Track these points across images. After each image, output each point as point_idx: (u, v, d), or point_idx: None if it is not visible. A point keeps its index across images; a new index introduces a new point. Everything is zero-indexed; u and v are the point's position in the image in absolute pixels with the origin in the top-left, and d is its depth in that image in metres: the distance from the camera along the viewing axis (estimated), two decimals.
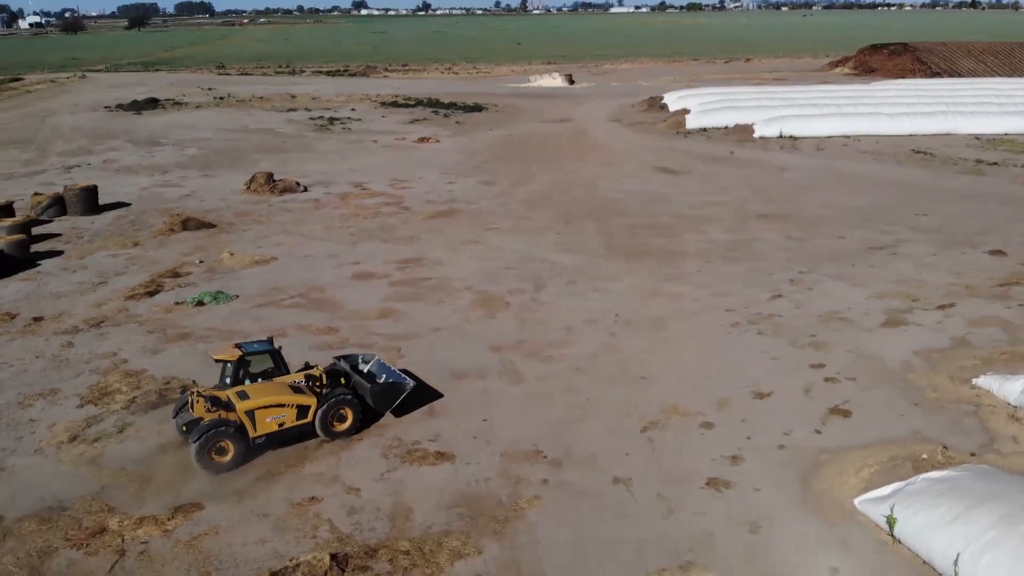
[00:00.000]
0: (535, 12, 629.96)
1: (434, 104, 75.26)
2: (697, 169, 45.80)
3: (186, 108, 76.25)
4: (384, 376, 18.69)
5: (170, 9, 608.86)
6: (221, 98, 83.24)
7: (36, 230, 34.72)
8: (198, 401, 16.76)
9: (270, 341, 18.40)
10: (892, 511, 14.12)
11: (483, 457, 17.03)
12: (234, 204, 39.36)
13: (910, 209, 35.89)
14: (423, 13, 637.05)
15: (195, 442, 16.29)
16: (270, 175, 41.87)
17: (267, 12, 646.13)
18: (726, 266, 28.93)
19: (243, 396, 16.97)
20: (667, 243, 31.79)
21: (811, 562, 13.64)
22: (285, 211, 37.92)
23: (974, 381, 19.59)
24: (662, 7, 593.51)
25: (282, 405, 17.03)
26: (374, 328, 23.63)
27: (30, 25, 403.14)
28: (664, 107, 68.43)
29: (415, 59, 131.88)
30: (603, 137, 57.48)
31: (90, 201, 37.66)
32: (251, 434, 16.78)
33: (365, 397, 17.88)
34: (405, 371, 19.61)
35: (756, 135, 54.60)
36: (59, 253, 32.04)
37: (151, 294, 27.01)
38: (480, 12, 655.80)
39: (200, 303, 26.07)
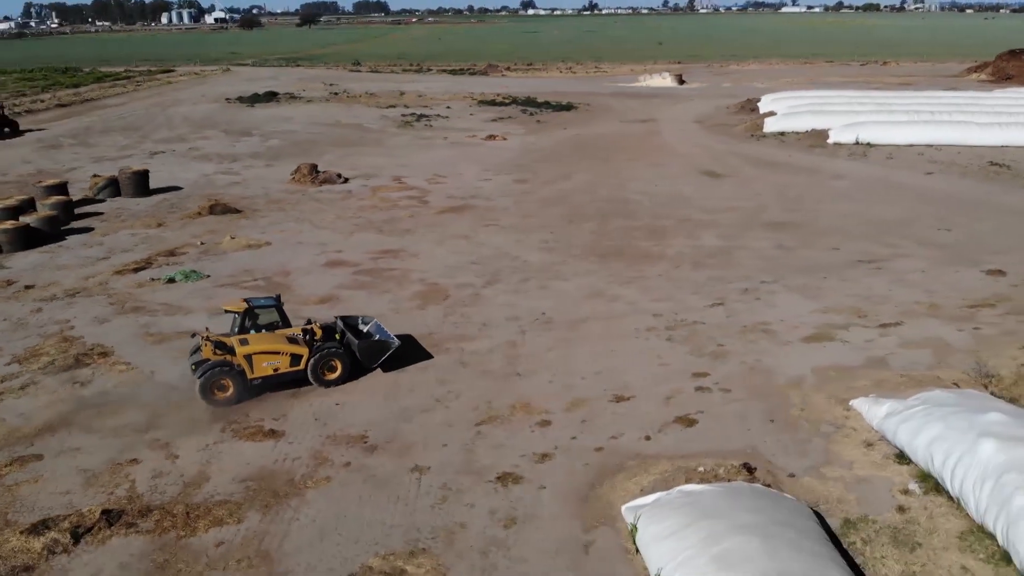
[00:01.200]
0: (702, 11, 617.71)
1: (528, 103, 76.08)
2: (743, 173, 44.55)
3: (297, 103, 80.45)
4: (377, 336, 20.66)
5: (348, 8, 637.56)
6: (335, 94, 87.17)
7: (91, 208, 38.20)
8: (206, 344, 19.14)
9: (276, 298, 20.49)
10: (637, 520, 13.96)
11: (308, 438, 17.87)
12: (272, 192, 41.71)
13: (937, 223, 33.75)
14: (588, 13, 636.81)
15: (199, 378, 18.72)
16: (314, 166, 44.05)
17: (439, 12, 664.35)
18: (691, 272, 28.41)
19: (244, 342, 19.24)
20: (651, 246, 31.44)
21: (544, 564, 13.69)
22: (313, 200, 39.86)
23: (851, 403, 18.67)
24: (838, 7, 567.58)
25: (277, 352, 19.25)
26: (307, 312, 24.67)
27: (214, 20, 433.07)
28: (755, 109, 66.47)
29: (545, 58, 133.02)
30: (672, 138, 56.62)
31: (141, 184, 40.93)
32: (249, 375, 19.09)
33: (355, 352, 19.90)
34: (405, 335, 22.20)
35: (830, 141, 52.36)
36: (90, 230, 34.98)
37: (137, 271, 29.33)
38: (646, 12, 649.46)
39: (171, 280, 28.12)
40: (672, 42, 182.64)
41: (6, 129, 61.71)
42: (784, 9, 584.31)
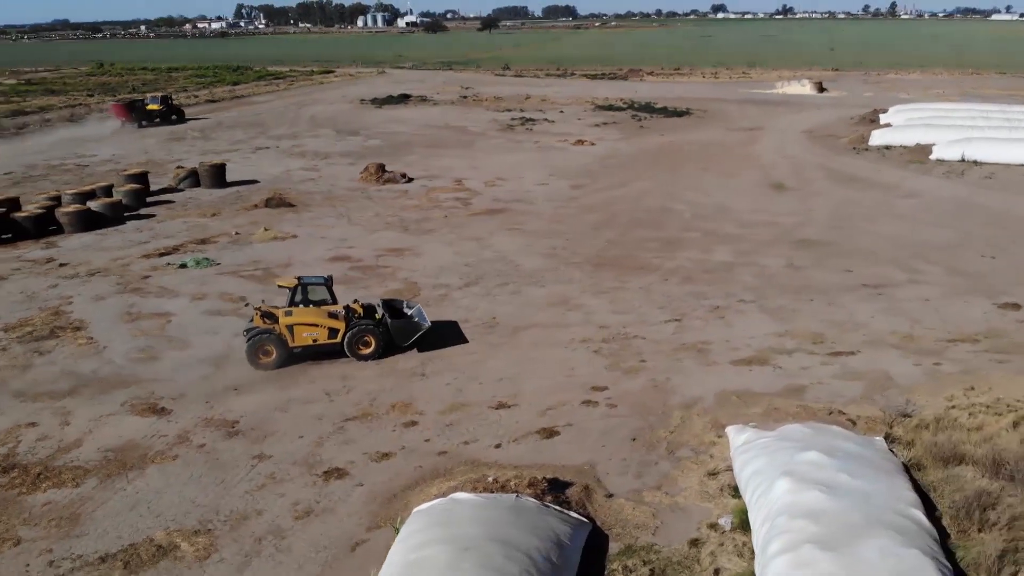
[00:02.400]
0: (904, 17, 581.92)
1: (645, 108, 75.27)
2: (812, 187, 42.50)
3: (424, 105, 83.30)
4: (416, 318, 22.36)
5: (538, 12, 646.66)
6: (465, 97, 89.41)
7: (168, 196, 41.94)
8: (256, 314, 21.40)
9: (327, 278, 22.40)
10: (400, 523, 14.24)
11: (187, 419, 19.10)
12: (336, 189, 43.80)
13: (983, 250, 31.07)
14: (780, 16, 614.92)
15: (247, 343, 21.02)
16: (381, 166, 45.86)
17: (626, 16, 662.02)
18: (675, 286, 27.74)
19: (288, 314, 21.24)
20: (655, 258, 30.85)
21: (303, 557, 14.27)
22: (366, 198, 41.59)
23: (726, 429, 17.94)
24: None
25: (316, 325, 21.25)
26: (277, 301, 25.98)
27: (405, 24, 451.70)
28: (875, 121, 62.92)
29: (699, 63, 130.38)
30: (765, 148, 54.57)
31: (218, 177, 44.09)
32: (290, 344, 21.13)
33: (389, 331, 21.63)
34: (449, 321, 24.06)
35: (933, 156, 48.86)
36: (151, 216, 38.18)
37: (161, 255, 31.82)
38: (842, 16, 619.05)
39: (183, 266, 30.36)
40: (848, 48, 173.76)
41: (173, 116, 70.75)
42: (995, 16, 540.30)
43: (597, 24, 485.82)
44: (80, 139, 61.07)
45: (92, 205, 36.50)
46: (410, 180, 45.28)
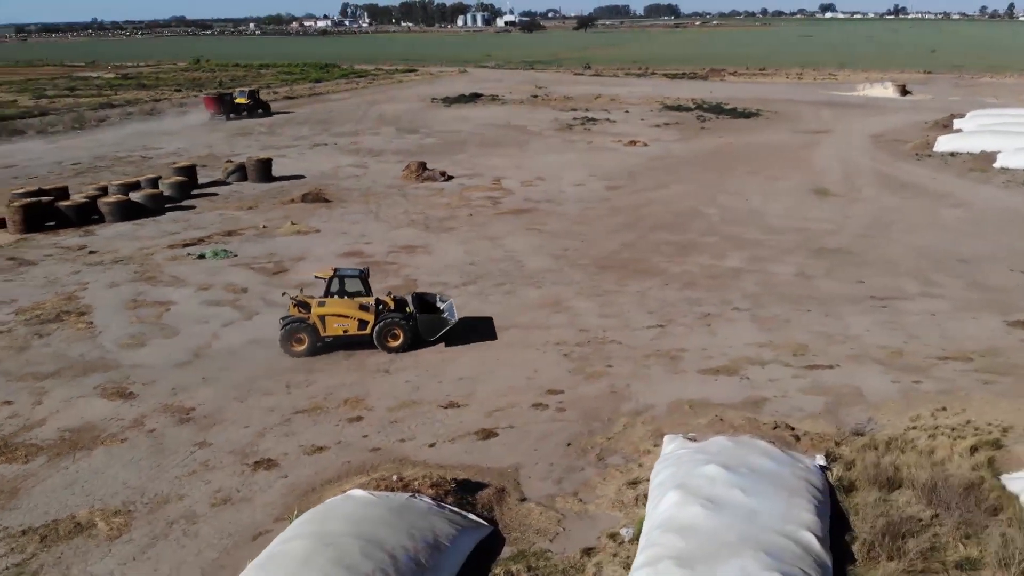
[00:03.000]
0: (1022, 19, 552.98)
1: (713, 109, 74.01)
2: (858, 194, 41.09)
3: (492, 104, 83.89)
4: (446, 314, 22.71)
5: (639, 11, 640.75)
6: (536, 96, 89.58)
7: (215, 188, 43.48)
8: (292, 303, 22.20)
9: (362, 270, 22.98)
10: (296, 515, 14.52)
11: (148, 404, 19.86)
12: (376, 186, 44.59)
13: (1014, 264, 29.53)
14: (892, 16, 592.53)
15: (281, 330, 21.82)
16: (422, 164, 46.45)
17: (731, 15, 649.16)
18: (673, 292, 27.31)
19: (321, 304, 21.87)
20: (663, 262, 30.40)
21: (209, 542, 14.67)
22: (401, 196, 42.21)
23: (664, 438, 17.68)
24: None
25: (346, 316, 21.76)
26: (273, 296, 26.73)
27: (504, 24, 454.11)
28: (949, 126, 60.33)
29: (787, 63, 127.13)
30: (824, 152, 52.96)
31: (264, 171, 45.46)
32: (321, 333, 21.76)
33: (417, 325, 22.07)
34: (485, 317, 24.47)
35: (997, 165, 46.58)
36: (192, 208, 39.67)
37: (185, 246, 33.02)
38: (957, 17, 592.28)
39: (202, 256, 31.47)
40: (952, 50, 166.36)
41: (259, 110, 74.64)
42: None
43: (698, 23, 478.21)
44: (153, 132, 63.77)
45: (134, 196, 38.03)
46: (449, 178, 45.64)
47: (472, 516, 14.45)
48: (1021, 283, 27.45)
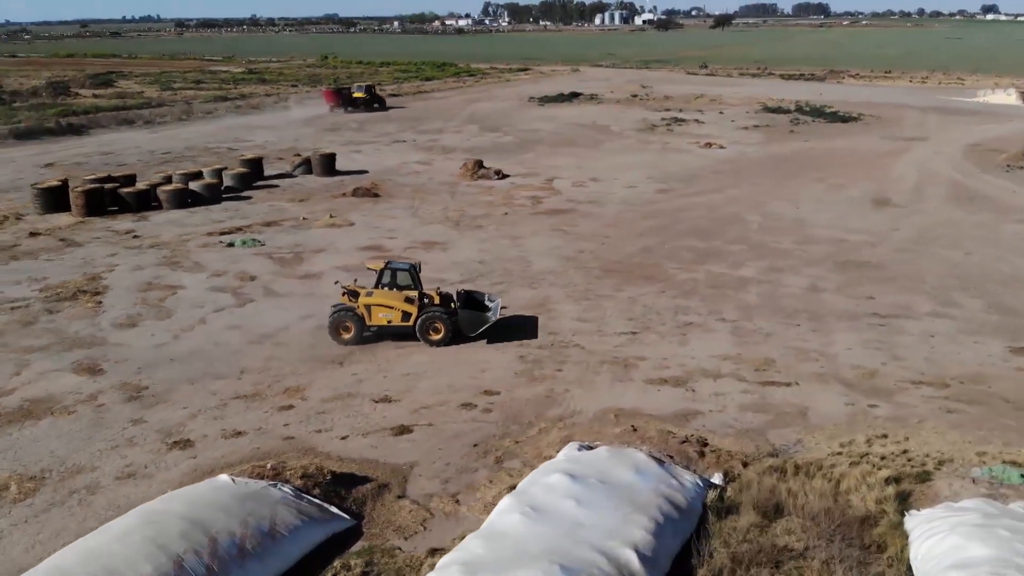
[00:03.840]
0: None
1: (812, 112, 71.56)
2: (920, 206, 38.95)
3: (588, 103, 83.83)
4: (490, 312, 23.07)
5: (787, 10, 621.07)
6: (636, 96, 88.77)
7: (279, 180, 45.39)
8: (342, 293, 23.05)
9: (412, 264, 23.55)
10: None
11: (111, 380, 21.09)
12: (430, 183, 45.42)
13: None
14: None
15: (330, 318, 22.64)
16: (479, 162, 47.01)
17: (884, 15, 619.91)
18: (668, 299, 26.81)
19: (368, 295, 22.56)
20: (675, 268, 29.85)
21: (82, 514, 15.48)
22: (448, 193, 42.89)
23: (567, 445, 17.55)
24: None
25: (390, 307, 22.44)
26: (276, 285, 28.11)
27: (643, 22, 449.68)
28: None
29: (916, 65, 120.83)
30: (907, 160, 50.29)
31: (328, 165, 47.09)
32: (367, 322, 22.48)
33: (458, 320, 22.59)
34: (531, 316, 24.66)
35: None
36: (247, 199, 41.59)
37: (222, 234, 34.71)
38: None
39: (231, 245, 33.04)
40: None
41: (375, 104, 78.55)
42: None
43: (846, 23, 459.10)
44: (250, 125, 66.96)
45: (193, 185, 40.15)
46: (503, 177, 45.94)
47: (333, 509, 14.73)
48: None
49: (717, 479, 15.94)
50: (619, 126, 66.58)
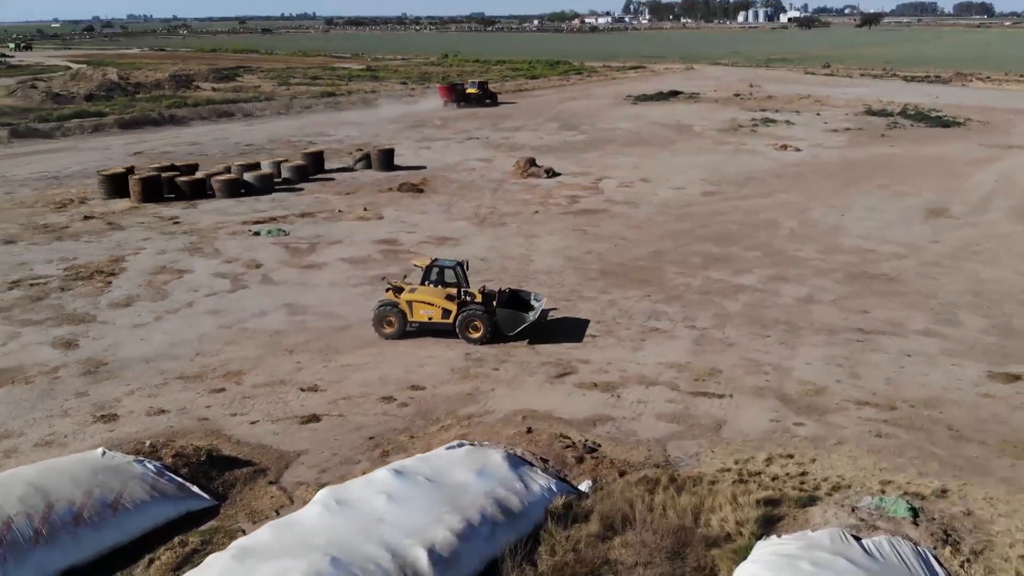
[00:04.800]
0: None
1: (916, 116, 67.89)
2: (979, 220, 36.49)
3: (684, 102, 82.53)
4: (535, 311, 22.97)
5: (948, 8, 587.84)
6: (738, 95, 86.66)
7: (338, 174, 46.78)
8: (387, 288, 23.35)
9: (459, 263, 23.45)
10: None
11: (80, 356, 22.54)
12: (480, 180, 45.87)
13: None
14: None
15: (374, 312, 23.00)
16: (531, 160, 47.16)
17: None
18: (647, 304, 26.28)
19: (412, 291, 22.75)
20: (676, 273, 29.22)
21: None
22: (492, 190, 43.23)
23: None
24: None
25: (431, 304, 22.52)
26: (277, 275, 29.25)
27: (788, 20, 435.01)
28: None
29: None
30: (992, 169, 47.08)
31: (387, 160, 48.35)
32: (409, 318, 22.71)
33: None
34: (582, 320, 24.39)
35: None
36: (299, 190, 43.28)
37: (256, 223, 36.33)
38: None
39: (256, 234, 34.56)
40: None
41: (487, 100, 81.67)
42: None
43: (1007, 23, 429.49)
44: (339, 121, 69.21)
45: (247, 176, 42.07)
46: (553, 175, 45.85)
47: (193, 488, 15.34)
48: None
49: (584, 486, 15.62)
50: (703, 126, 65.05)
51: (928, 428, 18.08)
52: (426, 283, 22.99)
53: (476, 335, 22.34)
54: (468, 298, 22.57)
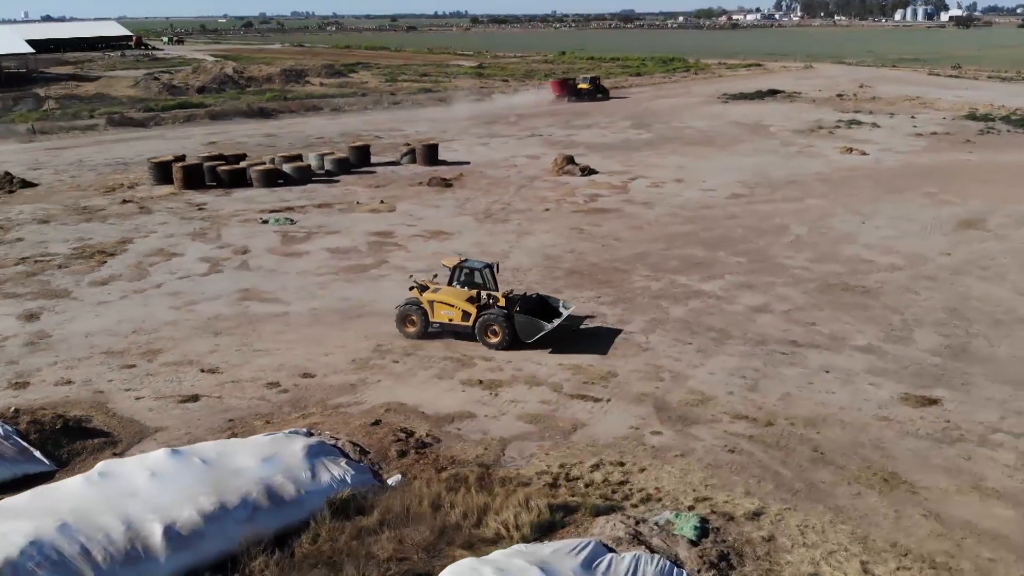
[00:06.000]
0: None
1: (1014, 121, 63.20)
2: (1011, 234, 33.96)
3: (780, 101, 79.72)
4: (558, 319, 22.26)
5: None
6: (840, 95, 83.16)
7: (381, 167, 48.08)
8: (412, 286, 22.89)
9: (489, 265, 23.03)
10: None
11: (34, 328, 24.37)
12: (515, 176, 46.07)
13: None
14: None
15: (396, 310, 22.73)
16: (568, 158, 46.98)
17: None
18: (592, 306, 25.95)
19: (435, 291, 22.17)
20: (640, 276, 28.66)
21: None
22: (518, 186, 43.32)
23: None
24: None
25: (451, 306, 21.83)
26: (258, 262, 30.57)
27: (949, 18, 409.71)
28: None
29: None
30: None
31: (431, 155, 49.29)
32: (430, 318, 22.11)
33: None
34: (615, 328, 23.45)
35: None
36: (336, 182, 44.80)
37: (272, 212, 37.93)
38: None
39: (265, 222, 36.15)
40: None
41: (599, 95, 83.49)
42: None
43: None
44: (417, 118, 70.72)
45: (285, 167, 43.88)
46: (589, 173, 45.51)
47: (36, 453, 16.44)
48: (1007, 357, 21.52)
49: (393, 481, 15.76)
50: (781, 126, 62.80)
51: (792, 448, 17.15)
52: (454, 284, 22.52)
53: (494, 340, 21.54)
54: (491, 301, 21.84)
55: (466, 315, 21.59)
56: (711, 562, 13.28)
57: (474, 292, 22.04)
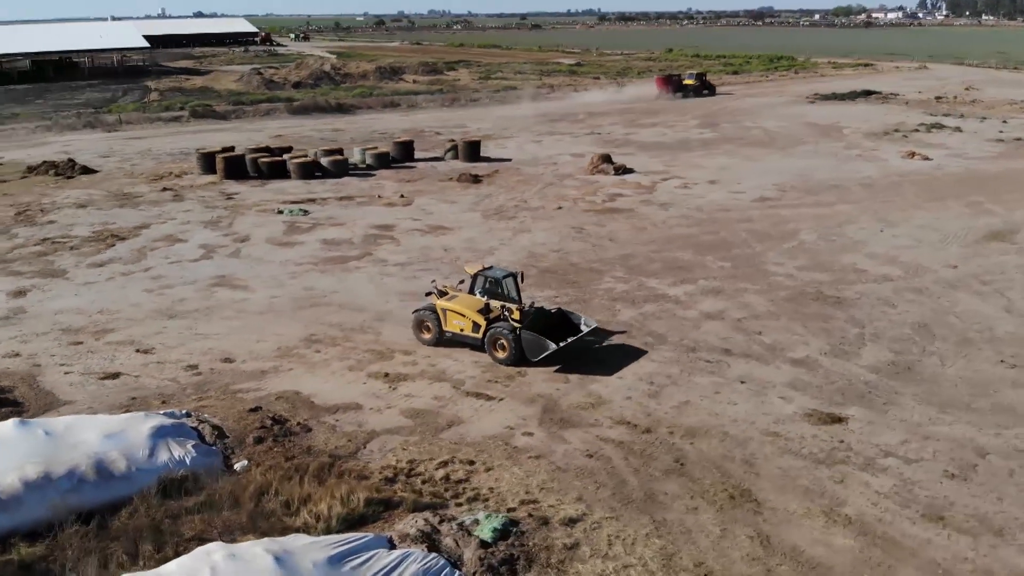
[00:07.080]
0: None
1: None
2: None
3: (870, 102, 76.59)
4: (576, 336, 21.11)
5: None
6: (939, 98, 79.00)
7: (424, 163, 48.76)
8: (429, 292, 22.23)
9: (513, 274, 22.02)
10: None
11: (17, 303, 26.29)
12: (548, 174, 45.85)
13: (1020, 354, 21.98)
14: None
15: (413, 315, 22.16)
16: (605, 156, 46.54)
17: None
18: (546, 306, 26.03)
19: (450, 299, 21.43)
20: (612, 278, 28.19)
21: None
22: (546, 184, 43.10)
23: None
24: None
25: (462, 316, 20.98)
26: (249, 251, 31.78)
27: None
28: None
29: None
30: None
31: (473, 151, 49.73)
32: (443, 326, 21.40)
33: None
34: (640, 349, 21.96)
35: None
36: (371, 176, 45.94)
37: (294, 203, 39.28)
38: None
39: (280, 212, 37.51)
40: None
41: (705, 91, 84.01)
42: None
43: None
44: (488, 115, 71.23)
45: (323, 161, 45.30)
46: (624, 173, 45.02)
47: None
48: (963, 377, 20.21)
49: (239, 466, 16.26)
50: (855, 128, 60.22)
51: (655, 457, 16.70)
52: (475, 292, 21.74)
53: (502, 355, 20.43)
54: (504, 314, 20.66)
55: (476, 326, 20.67)
56: (491, 566, 13.12)
57: (483, 303, 21.11)
